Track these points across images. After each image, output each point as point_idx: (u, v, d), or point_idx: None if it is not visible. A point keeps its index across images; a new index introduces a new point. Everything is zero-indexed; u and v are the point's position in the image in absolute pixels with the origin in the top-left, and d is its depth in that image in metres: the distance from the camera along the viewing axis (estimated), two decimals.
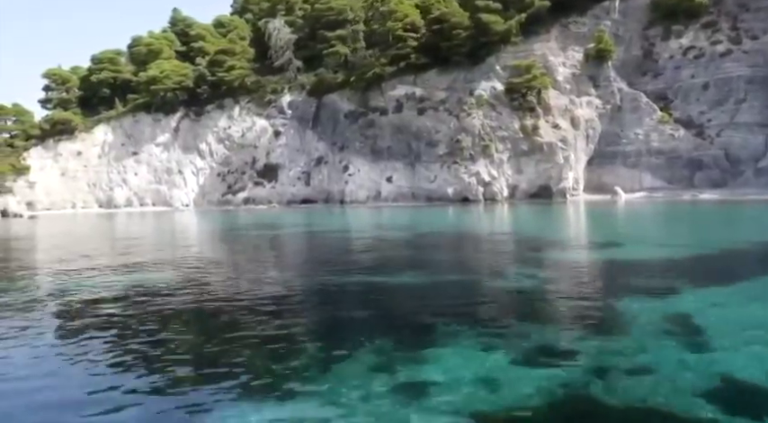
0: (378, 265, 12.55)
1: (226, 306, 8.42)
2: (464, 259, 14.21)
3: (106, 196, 65.32)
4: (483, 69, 55.65)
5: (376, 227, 26.40)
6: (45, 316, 8.29)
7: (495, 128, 52.98)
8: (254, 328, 7.04)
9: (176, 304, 8.72)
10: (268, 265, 14.23)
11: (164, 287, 10.16)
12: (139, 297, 9.38)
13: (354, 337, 6.31)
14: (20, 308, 8.79)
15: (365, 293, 9.31)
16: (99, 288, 10.36)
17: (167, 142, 66.23)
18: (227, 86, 65.73)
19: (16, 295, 9.90)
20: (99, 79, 68.40)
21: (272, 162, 64.29)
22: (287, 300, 9.03)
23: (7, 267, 14.31)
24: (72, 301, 9.17)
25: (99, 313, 8.28)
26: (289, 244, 20.06)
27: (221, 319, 7.74)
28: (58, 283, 11.10)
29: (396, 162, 57.90)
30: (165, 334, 6.97)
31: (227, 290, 9.98)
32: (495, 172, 52.37)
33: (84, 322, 7.67)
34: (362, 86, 60.23)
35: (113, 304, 8.91)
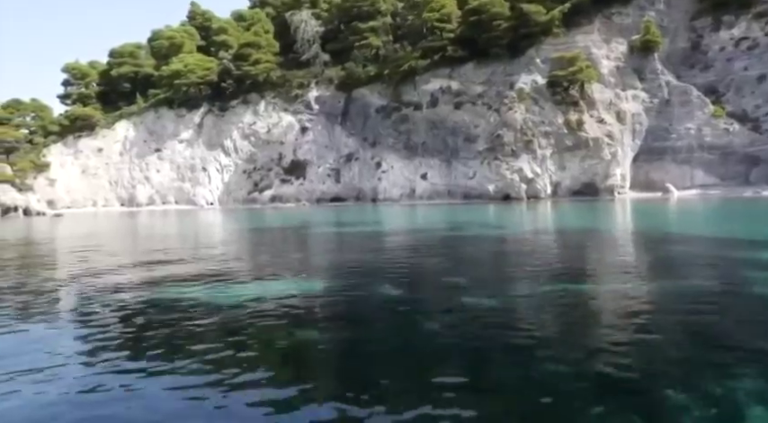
0: (456, 276, 10.24)
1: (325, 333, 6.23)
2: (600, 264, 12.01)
3: (128, 194, 63.28)
4: (523, 62, 53.57)
5: (426, 226, 24.19)
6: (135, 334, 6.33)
7: (538, 122, 50.88)
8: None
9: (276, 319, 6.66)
10: (315, 271, 12.01)
11: (240, 301, 8.04)
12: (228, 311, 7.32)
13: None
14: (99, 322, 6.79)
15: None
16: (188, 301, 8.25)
17: (191, 138, 64.20)
18: (252, 81, 63.73)
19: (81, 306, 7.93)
20: (119, 73, 66.40)
21: (300, 159, 62.27)
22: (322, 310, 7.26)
23: (63, 273, 12.27)
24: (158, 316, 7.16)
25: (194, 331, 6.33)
26: (330, 246, 17.72)
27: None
28: (132, 294, 9.04)
29: (431, 158, 55.86)
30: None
31: (319, 308, 7.74)
32: (539, 168, 50.28)
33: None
34: (395, 80, 58.19)
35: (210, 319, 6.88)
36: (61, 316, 7.71)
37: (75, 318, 7.47)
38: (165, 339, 6.00)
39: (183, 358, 5.16)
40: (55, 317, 7.58)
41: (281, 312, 7.16)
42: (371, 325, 6.66)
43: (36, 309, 8.03)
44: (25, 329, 6.76)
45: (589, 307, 7.26)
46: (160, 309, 7.69)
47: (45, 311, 7.85)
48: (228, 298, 8.41)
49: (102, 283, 10.13)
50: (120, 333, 6.40)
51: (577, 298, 7.71)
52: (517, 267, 11.11)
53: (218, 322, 6.79)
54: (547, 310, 6.98)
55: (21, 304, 8.37)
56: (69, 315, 7.74)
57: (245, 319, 6.92)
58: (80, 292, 9.49)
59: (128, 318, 7.17)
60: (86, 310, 7.70)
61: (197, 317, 7.06)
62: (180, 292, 8.83)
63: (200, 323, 6.74)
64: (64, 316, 7.71)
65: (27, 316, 7.48)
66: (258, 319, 6.83)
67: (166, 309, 7.64)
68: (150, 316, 7.23)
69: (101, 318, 7.12)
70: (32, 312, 7.75)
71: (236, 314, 7.17)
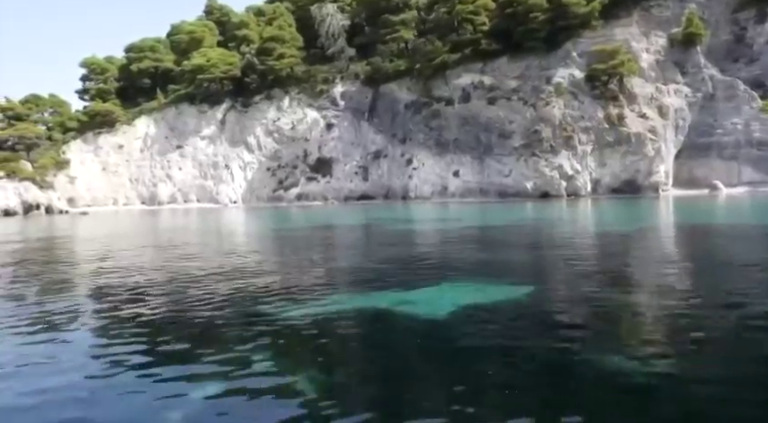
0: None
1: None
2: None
3: (149, 192, 61.66)
4: (559, 55, 51.95)
5: (480, 227, 22.55)
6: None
7: (577, 117, 49.28)
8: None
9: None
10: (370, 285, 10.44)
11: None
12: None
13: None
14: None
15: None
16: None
17: (213, 135, 62.59)
18: (275, 76, 62.07)
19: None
20: (139, 69, 64.74)
21: (326, 156, 60.66)
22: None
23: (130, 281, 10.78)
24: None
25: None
26: (375, 250, 15.98)
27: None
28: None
29: (463, 155, 54.23)
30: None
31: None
32: (579, 165, 48.69)
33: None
34: (424, 75, 56.56)
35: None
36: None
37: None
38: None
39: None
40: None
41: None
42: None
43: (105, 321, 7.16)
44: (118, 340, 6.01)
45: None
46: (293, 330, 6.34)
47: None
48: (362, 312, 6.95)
49: (185, 295, 8.64)
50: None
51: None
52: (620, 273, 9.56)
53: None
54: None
55: (96, 313, 7.65)
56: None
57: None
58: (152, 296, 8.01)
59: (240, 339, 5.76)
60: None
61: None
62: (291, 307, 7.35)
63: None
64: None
65: (113, 327, 6.85)
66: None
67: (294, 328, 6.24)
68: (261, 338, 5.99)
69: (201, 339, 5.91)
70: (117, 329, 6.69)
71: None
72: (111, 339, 6.26)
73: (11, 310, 7.88)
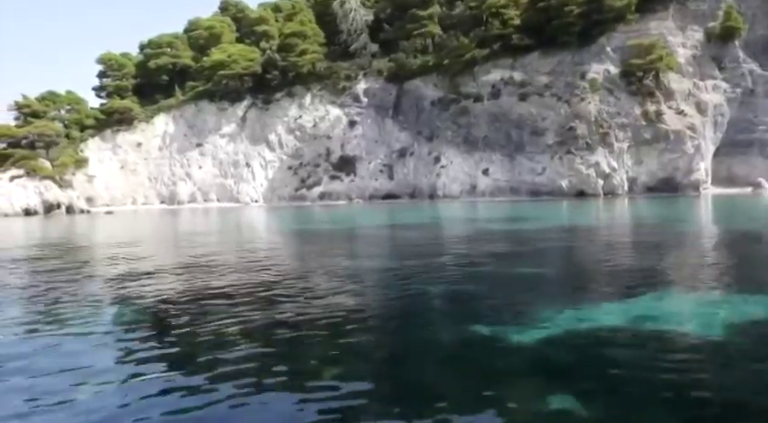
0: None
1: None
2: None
3: (168, 191, 60.25)
4: (593, 51, 50.65)
5: (590, 228, 21.18)
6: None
7: (614, 114, 48.00)
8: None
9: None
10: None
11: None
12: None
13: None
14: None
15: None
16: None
17: (233, 133, 61.21)
18: (296, 73, 60.70)
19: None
20: (157, 65, 63.30)
21: (349, 154, 59.30)
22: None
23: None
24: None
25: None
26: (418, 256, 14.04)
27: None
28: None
29: (492, 153, 52.90)
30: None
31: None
32: (615, 163, 47.36)
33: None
34: (451, 71, 55.24)
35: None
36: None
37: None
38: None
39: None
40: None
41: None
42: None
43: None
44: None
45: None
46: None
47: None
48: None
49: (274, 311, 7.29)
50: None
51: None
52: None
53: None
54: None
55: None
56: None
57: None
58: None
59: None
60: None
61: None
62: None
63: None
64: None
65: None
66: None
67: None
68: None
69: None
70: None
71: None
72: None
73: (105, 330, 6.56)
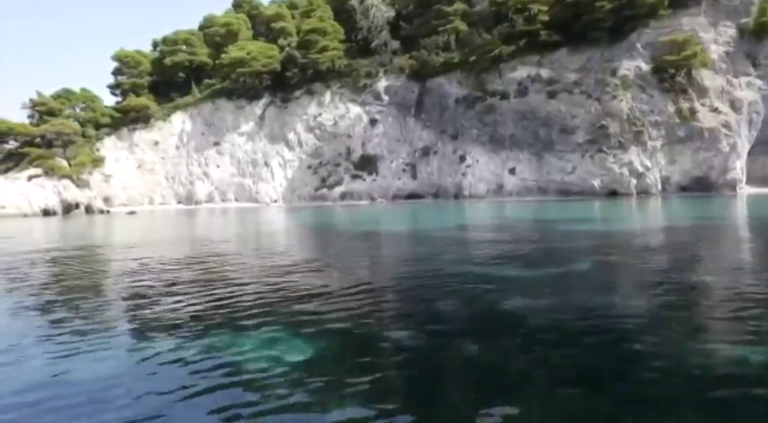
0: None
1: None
2: None
3: (186, 191, 59.05)
4: (624, 47, 49.55)
5: (669, 229, 20.00)
6: None
7: (647, 111, 46.94)
8: None
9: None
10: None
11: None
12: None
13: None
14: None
15: None
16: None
17: (251, 131, 60.05)
18: (315, 70, 59.57)
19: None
20: (174, 62, 62.08)
21: (370, 153, 58.18)
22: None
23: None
24: None
25: None
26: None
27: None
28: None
29: (519, 152, 51.83)
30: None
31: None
32: (649, 161, 46.31)
33: None
34: (477, 68, 54.12)
35: None
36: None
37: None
38: None
39: None
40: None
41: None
42: None
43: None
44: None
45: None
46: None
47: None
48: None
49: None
50: None
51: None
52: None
53: None
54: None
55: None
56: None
57: None
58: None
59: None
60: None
61: None
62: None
63: None
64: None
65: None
66: None
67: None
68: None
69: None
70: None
71: None
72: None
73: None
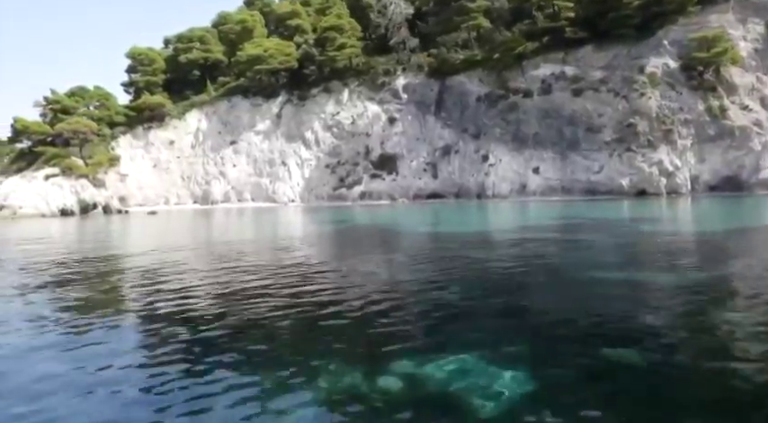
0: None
1: None
2: None
3: (202, 191, 58.10)
4: (651, 44, 48.69)
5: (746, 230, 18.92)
6: None
7: (676, 110, 46.06)
8: None
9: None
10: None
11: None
12: None
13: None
14: None
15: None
16: None
17: (268, 130, 59.13)
18: (331, 68, 58.67)
19: None
20: (189, 59, 61.12)
21: (389, 152, 57.25)
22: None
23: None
24: None
25: None
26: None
27: None
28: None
29: (543, 151, 50.91)
30: None
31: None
32: (678, 160, 45.43)
33: None
34: (499, 66, 53.25)
35: None
36: None
37: None
38: None
39: None
40: None
41: None
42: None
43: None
44: None
45: None
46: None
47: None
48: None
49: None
50: None
51: None
52: None
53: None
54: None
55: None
56: None
57: None
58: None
59: None
60: None
61: None
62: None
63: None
64: None
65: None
66: None
67: None
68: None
69: None
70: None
71: None
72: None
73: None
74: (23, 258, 15.50)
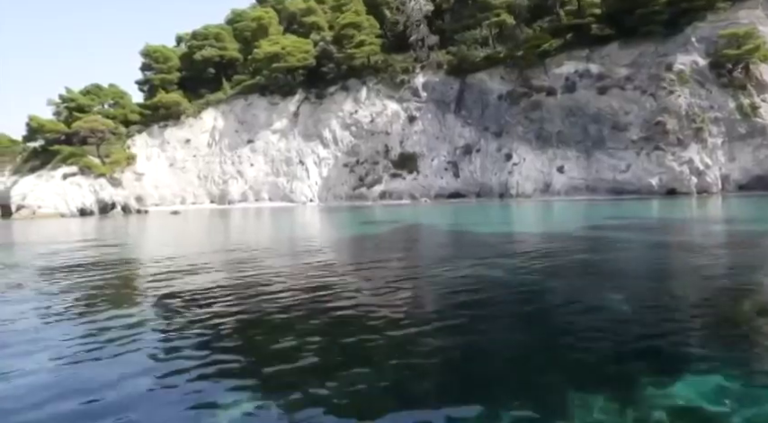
0: None
1: None
2: None
3: (219, 190, 57.27)
4: (678, 41, 47.90)
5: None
6: None
7: (706, 108, 45.29)
8: None
9: None
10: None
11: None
12: None
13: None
14: None
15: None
16: None
17: (285, 129, 58.32)
18: (348, 65, 57.83)
19: None
20: (204, 57, 60.25)
21: (408, 151, 56.46)
22: None
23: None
24: None
25: None
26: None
27: None
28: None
29: (568, 149, 50.16)
30: None
31: None
32: (709, 159, 44.66)
33: None
34: (522, 64, 52.45)
35: None
36: None
37: None
38: None
39: None
40: None
41: None
42: None
43: None
44: None
45: None
46: None
47: None
48: None
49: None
50: None
51: None
52: None
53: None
54: None
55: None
56: None
57: None
58: None
59: None
60: None
61: None
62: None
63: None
64: None
65: None
66: None
67: None
68: None
69: None
70: None
71: None
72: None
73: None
74: (105, 260, 14.61)
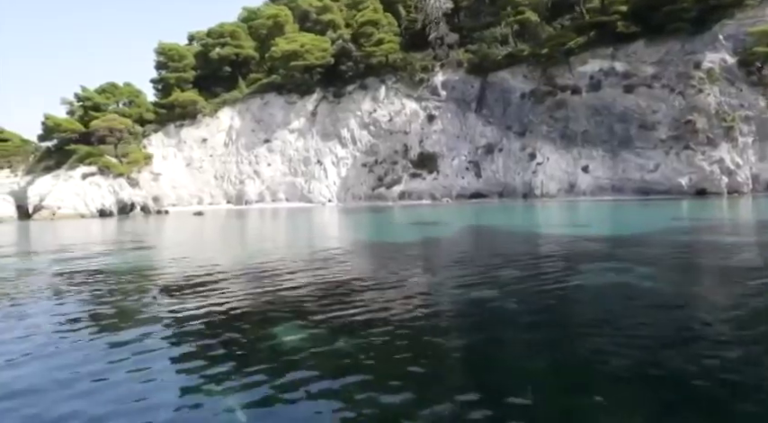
0: None
1: None
2: None
3: (236, 190, 56.39)
4: (706, 39, 47.17)
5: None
6: None
7: (736, 106, 44.59)
8: None
9: None
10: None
11: None
12: None
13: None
14: None
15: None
16: None
17: (303, 128, 57.46)
18: (366, 64, 57.02)
19: None
20: (220, 55, 59.35)
21: (428, 150, 55.67)
22: None
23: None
24: None
25: None
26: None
27: None
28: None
29: (592, 149, 49.42)
30: None
31: None
32: (739, 159, 43.96)
33: None
34: (545, 62, 51.72)
35: None
36: None
37: None
38: None
39: None
40: None
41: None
42: None
43: None
44: None
45: None
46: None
47: None
48: None
49: None
50: None
51: None
52: None
53: None
54: None
55: None
56: None
57: None
58: None
59: None
60: None
61: None
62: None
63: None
64: None
65: None
66: None
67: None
68: None
69: None
70: None
71: None
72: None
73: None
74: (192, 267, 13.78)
